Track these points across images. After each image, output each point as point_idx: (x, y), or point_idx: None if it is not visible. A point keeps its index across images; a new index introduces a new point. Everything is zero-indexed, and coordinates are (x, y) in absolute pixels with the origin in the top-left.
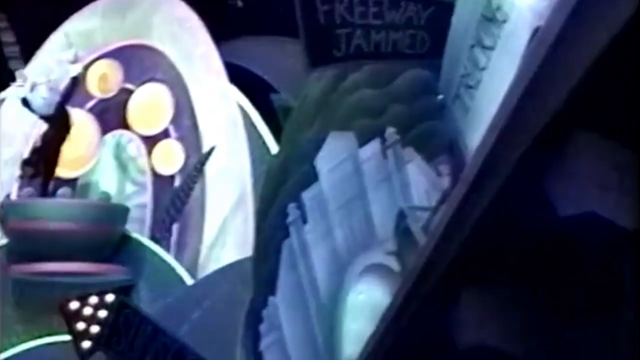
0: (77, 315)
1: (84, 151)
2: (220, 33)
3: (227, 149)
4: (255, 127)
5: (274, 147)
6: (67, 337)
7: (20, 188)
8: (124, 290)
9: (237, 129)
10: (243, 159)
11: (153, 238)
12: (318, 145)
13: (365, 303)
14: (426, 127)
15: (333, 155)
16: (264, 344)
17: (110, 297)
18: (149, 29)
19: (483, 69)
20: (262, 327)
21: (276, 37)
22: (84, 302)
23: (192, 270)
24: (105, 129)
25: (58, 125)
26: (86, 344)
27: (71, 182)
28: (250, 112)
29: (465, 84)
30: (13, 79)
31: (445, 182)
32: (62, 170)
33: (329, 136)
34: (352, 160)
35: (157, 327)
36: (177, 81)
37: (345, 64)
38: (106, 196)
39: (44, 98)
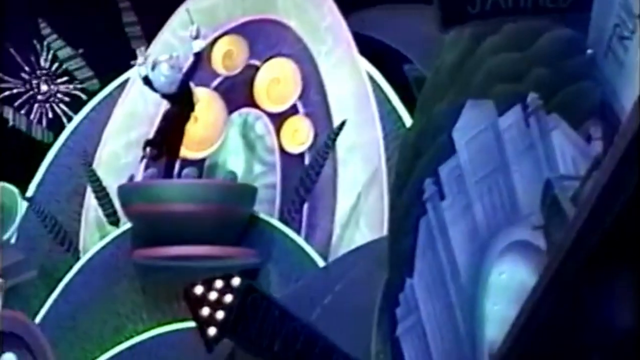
0: (202, 300)
1: (211, 131)
2: (348, 4)
3: (358, 123)
4: (387, 100)
5: (407, 120)
6: (193, 324)
7: (145, 170)
8: (251, 274)
9: (369, 102)
10: (375, 134)
11: (282, 219)
12: (454, 115)
13: (508, 283)
14: (572, 90)
15: (471, 126)
16: (400, 328)
17: (236, 281)
18: (274, 2)
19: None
20: (399, 311)
21: (406, 5)
22: (209, 286)
23: (323, 252)
24: (232, 107)
25: (181, 103)
26: (212, 331)
27: (198, 164)
28: (381, 84)
29: (619, 35)
30: (135, 59)
31: (596, 148)
32: (189, 152)
33: (466, 105)
34: (491, 129)
35: (286, 312)
36: (304, 55)
37: (481, 23)
38: (233, 176)
39: (165, 76)
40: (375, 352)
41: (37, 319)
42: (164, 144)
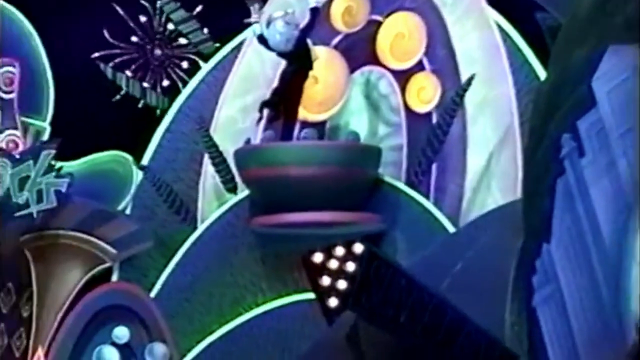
0: (322, 269)
1: (332, 91)
2: None
3: (488, 77)
4: (519, 51)
5: (541, 73)
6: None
7: (263, 133)
8: (374, 240)
9: (499, 54)
10: (507, 88)
11: (409, 183)
12: (594, 64)
13: None
14: None
15: (613, 74)
16: (537, 298)
17: (358, 248)
18: None
19: None
20: (535, 279)
21: None
22: (329, 254)
23: (453, 217)
24: (353, 65)
25: (298, 61)
26: (333, 302)
27: (318, 126)
28: (512, 35)
29: None
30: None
31: None
32: (309, 114)
33: (606, 52)
34: (636, 77)
35: (413, 281)
36: (428, 7)
37: None
38: (355, 136)
39: (280, 33)
40: (510, 323)
41: (154, 291)
42: (282, 104)
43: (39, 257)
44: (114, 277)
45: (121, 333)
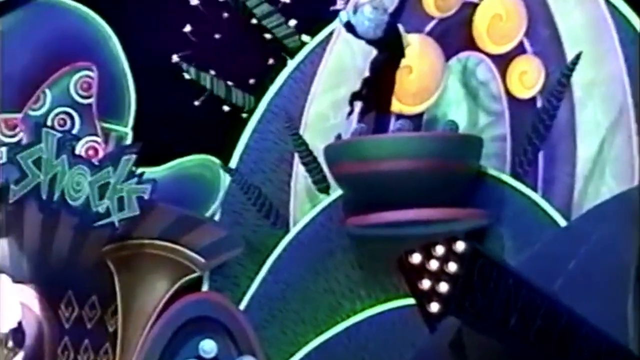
0: (421, 270)
1: (427, 81)
2: None
3: (596, 56)
4: (629, 26)
5: None
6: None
7: (354, 126)
8: (477, 237)
9: (607, 30)
10: (617, 66)
11: (514, 174)
12: None
13: None
14: None
15: None
16: None
17: (460, 246)
18: None
19: None
20: None
21: None
22: (428, 253)
23: (564, 210)
24: (449, 52)
25: (389, 49)
26: (434, 306)
27: (415, 119)
28: (621, 8)
29: None
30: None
31: None
32: (404, 106)
33: None
34: None
35: (522, 280)
36: None
37: None
38: (453, 126)
39: (369, 19)
40: (633, 323)
41: (245, 300)
42: (373, 96)
43: (123, 268)
44: (204, 287)
45: (208, 347)
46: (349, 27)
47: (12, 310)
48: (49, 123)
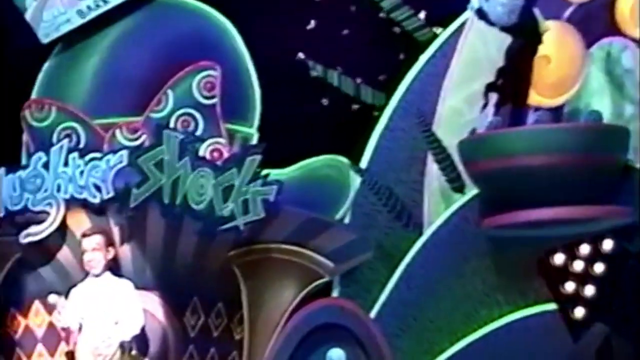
0: (564, 272)
1: (567, 71)
2: None
3: None
4: None
5: None
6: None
7: (489, 120)
8: (626, 235)
9: None
10: None
11: None
12: None
13: None
14: None
15: None
16: None
17: (608, 245)
18: None
19: None
20: None
21: None
22: (572, 254)
23: None
24: (590, 39)
25: (525, 35)
26: (579, 311)
27: (556, 112)
28: None
29: None
30: None
31: None
32: (542, 98)
33: None
34: None
35: None
36: None
37: None
38: (597, 116)
39: (502, 4)
40: None
41: (376, 307)
42: (509, 86)
43: (249, 274)
44: (335, 293)
45: (336, 355)
46: (481, 13)
47: (135, 317)
48: (171, 125)
